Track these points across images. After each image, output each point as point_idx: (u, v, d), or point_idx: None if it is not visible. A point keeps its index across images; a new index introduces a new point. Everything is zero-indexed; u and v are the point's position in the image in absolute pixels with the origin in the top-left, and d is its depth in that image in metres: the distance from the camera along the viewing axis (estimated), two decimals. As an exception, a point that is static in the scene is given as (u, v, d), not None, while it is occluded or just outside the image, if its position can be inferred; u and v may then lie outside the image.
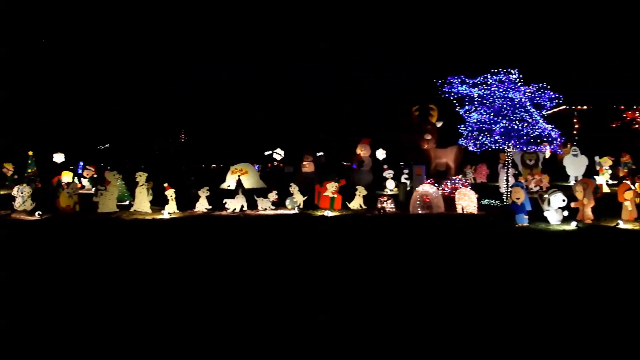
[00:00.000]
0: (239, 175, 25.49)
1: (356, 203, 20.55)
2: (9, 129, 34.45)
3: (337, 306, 8.95)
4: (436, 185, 19.99)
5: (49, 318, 8.50)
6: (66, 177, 25.24)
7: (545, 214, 16.84)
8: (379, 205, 19.50)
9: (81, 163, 29.80)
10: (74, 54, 47.59)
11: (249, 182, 26.23)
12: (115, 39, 48.41)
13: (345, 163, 34.37)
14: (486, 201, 20.80)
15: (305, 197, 20.70)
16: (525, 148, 20.85)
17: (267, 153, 34.74)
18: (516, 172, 26.08)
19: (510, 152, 20.86)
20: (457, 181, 20.23)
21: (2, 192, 23.97)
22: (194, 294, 9.74)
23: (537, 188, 24.38)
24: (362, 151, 28.40)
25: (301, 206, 20.36)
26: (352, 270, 11.46)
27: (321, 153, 34.00)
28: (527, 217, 16.58)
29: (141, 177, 20.09)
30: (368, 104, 50.16)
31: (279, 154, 32.80)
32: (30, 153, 29.36)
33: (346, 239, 15.19)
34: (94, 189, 21.80)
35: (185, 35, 49.90)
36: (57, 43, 47.09)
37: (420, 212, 19.03)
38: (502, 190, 21.74)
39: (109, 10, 47.44)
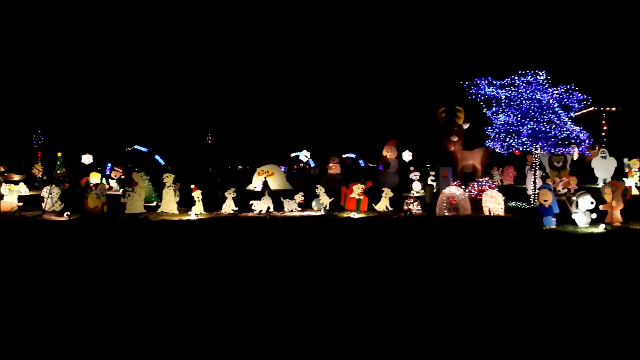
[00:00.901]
0: (265, 177, 25.56)
1: (382, 205, 20.53)
2: (38, 130, 34.74)
3: (358, 308, 8.94)
4: (463, 187, 19.90)
5: (72, 317, 8.58)
6: (94, 178, 25.45)
7: (573, 216, 16.70)
8: (405, 207, 19.43)
9: (109, 164, 30.05)
10: (102, 56, 47.97)
11: (275, 183, 26.28)
12: (140, 40, 48.73)
13: (371, 165, 34.35)
14: (513, 203, 20.65)
15: (332, 199, 20.70)
16: (553, 150, 20.66)
17: (293, 155, 34.81)
18: (544, 174, 25.88)
19: (537, 154, 20.70)
20: (483, 183, 20.11)
21: (31, 193, 24.19)
22: (217, 294, 9.78)
23: (565, 190, 24.16)
24: (389, 153, 28.39)
25: (327, 208, 20.36)
26: (375, 272, 11.44)
27: (347, 154, 34.01)
28: (554, 219, 16.45)
29: (168, 178, 20.21)
30: (395, 105, 50.07)
31: (305, 155, 32.83)
32: (59, 154, 29.67)
33: (372, 241, 15.16)
34: (121, 190, 21.95)
35: (212, 36, 50.11)
36: (85, 44, 47.50)
37: (446, 214, 18.95)
38: (530, 192, 21.58)
39: (137, 11, 47.76)
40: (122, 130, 43.36)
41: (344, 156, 33.49)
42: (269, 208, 19.99)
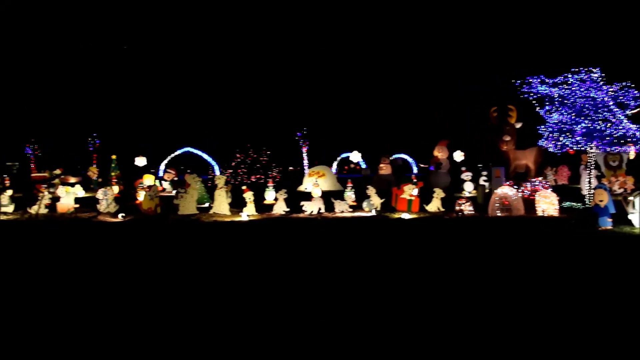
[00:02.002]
0: (316, 178, 25.59)
1: (434, 205, 20.40)
2: (94, 133, 35.30)
3: (411, 308, 8.91)
4: (515, 187, 19.66)
5: (125, 314, 8.71)
6: (148, 180, 25.80)
7: (630, 217, 16.38)
8: (457, 208, 19.28)
9: (162, 166, 30.41)
10: (155, 60, 48.58)
11: (326, 184, 26.30)
12: (194, 44, 49.21)
13: (422, 165, 34.15)
14: (568, 204, 20.34)
15: (383, 200, 20.64)
16: (608, 149, 20.27)
17: (344, 155, 34.75)
18: (599, 174, 25.42)
19: (592, 153, 20.36)
20: (537, 183, 19.83)
21: (87, 195, 24.61)
22: (267, 294, 9.82)
23: (621, 190, 23.73)
24: (440, 153, 28.20)
25: (378, 209, 20.31)
26: (427, 273, 11.38)
27: (398, 155, 33.86)
28: (610, 220, 16.17)
29: (220, 180, 20.38)
30: (446, 105, 49.78)
31: (356, 156, 32.74)
32: (114, 157, 30.11)
33: (424, 242, 15.08)
34: (174, 191, 22.21)
35: (264, 39, 50.37)
36: (138, 49, 48.17)
37: (499, 214, 18.75)
38: (585, 192, 21.23)
39: (189, 13, 48.26)
40: (174, 132, 43.83)
41: (394, 157, 33.34)
42: (320, 209, 20.02)
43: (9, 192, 21.70)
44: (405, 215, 19.08)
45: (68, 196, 21.20)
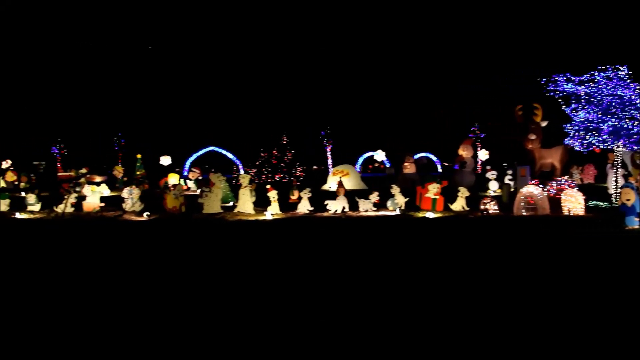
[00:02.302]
0: (340, 177, 25.58)
1: (458, 204, 20.29)
2: (119, 133, 35.62)
3: (437, 308, 8.86)
4: (541, 186, 19.51)
5: (149, 312, 8.75)
6: (173, 179, 25.91)
7: (657, 216, 16.22)
8: (482, 207, 19.17)
9: (187, 165, 30.56)
10: (179, 60, 48.82)
11: (350, 183, 26.27)
12: (221, 43, 49.40)
13: (447, 164, 34.04)
14: (594, 203, 20.15)
15: (407, 199, 20.57)
16: (635, 147, 20.06)
17: (368, 155, 34.73)
18: (626, 173, 25.14)
19: (619, 151, 20.15)
20: (563, 182, 19.67)
21: (112, 194, 24.77)
22: (290, 292, 9.82)
23: (649, 189, 23.50)
24: (465, 152, 28.05)
25: (402, 208, 20.25)
26: (450, 272, 11.32)
27: (423, 154, 33.78)
28: (637, 219, 16.00)
29: (244, 179, 20.43)
30: (470, 104, 49.62)
31: (380, 155, 32.69)
32: (139, 156, 30.31)
33: (448, 241, 15.01)
34: (199, 190, 22.29)
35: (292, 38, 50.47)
36: (164, 48, 48.42)
37: (524, 214, 18.61)
38: (611, 191, 21.02)
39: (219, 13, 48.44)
40: (199, 131, 44.04)
41: (418, 156, 33.27)
42: (344, 208, 20.00)
43: (36, 191, 21.90)
44: (430, 215, 19.00)
45: (94, 195, 21.36)
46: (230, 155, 31.74)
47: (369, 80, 51.03)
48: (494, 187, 26.04)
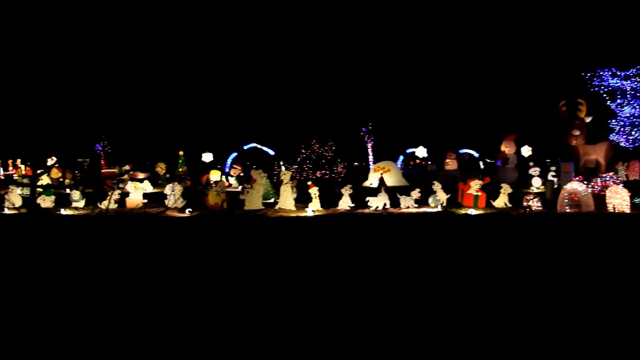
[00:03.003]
0: (381, 173, 25.53)
1: (501, 201, 20.11)
2: (163, 130, 36.02)
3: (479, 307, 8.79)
4: (585, 183, 19.24)
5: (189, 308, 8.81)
6: (214, 175, 26.09)
7: None
8: (525, 204, 18.98)
9: (228, 162, 30.76)
10: (226, 57, 49.13)
11: (391, 180, 26.20)
12: (266, 41, 49.62)
13: (489, 160, 33.76)
14: (639, 200, 19.82)
15: (449, 195, 20.46)
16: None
17: (409, 151, 34.60)
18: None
19: (666, 147, 19.81)
20: (607, 179, 19.38)
21: (155, 191, 25.02)
22: (330, 289, 9.82)
23: (696, 185, 23.05)
24: (507, 148, 27.77)
25: (444, 204, 20.14)
26: (490, 270, 11.22)
27: (465, 150, 33.56)
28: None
29: (285, 175, 20.50)
30: (514, 99, 49.24)
31: (422, 152, 32.57)
32: (181, 153, 30.59)
33: (489, 239, 14.88)
34: (240, 187, 22.43)
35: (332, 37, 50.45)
36: (207, 46, 48.73)
37: (568, 211, 18.38)
38: (658, 187, 20.70)
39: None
40: (241, 128, 44.29)
41: (461, 152, 33.06)
42: (385, 204, 19.96)
43: (80, 187, 22.24)
44: (472, 211, 18.87)
45: (136, 192, 21.63)
46: (271, 152, 31.87)
47: (410, 75, 50.85)
48: (537, 183, 25.74)
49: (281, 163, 31.27)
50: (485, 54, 49.86)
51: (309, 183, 20.54)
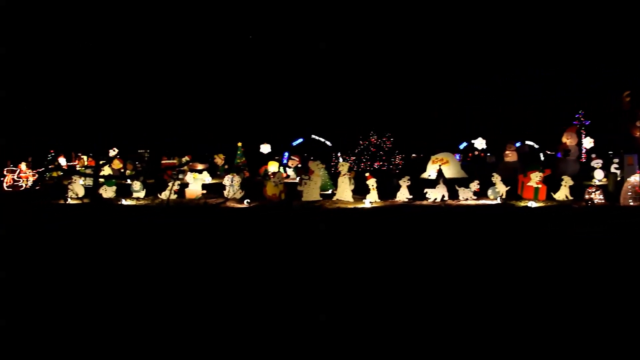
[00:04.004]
0: (439, 165, 25.34)
1: (562, 194, 19.79)
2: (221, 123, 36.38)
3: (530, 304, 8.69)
4: (650, 175, 18.83)
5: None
6: (272, 167, 26.25)
7: None
8: (587, 197, 18.64)
9: (286, 153, 30.90)
10: (280, 48, 49.27)
11: (450, 172, 26.00)
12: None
13: (550, 152, 33.27)
14: None
15: (508, 187, 20.22)
16: None
17: (469, 142, 34.32)
18: None
19: None
20: (673, 171, 18.92)
21: (214, 181, 25.28)
22: (386, 281, 9.80)
23: None
24: (569, 140, 27.31)
25: (504, 197, 19.91)
26: (549, 265, 11.06)
27: (527, 142, 33.14)
28: None
29: (343, 167, 20.52)
30: (576, 89, 48.47)
31: (481, 143, 32.26)
32: (240, 144, 30.83)
33: (550, 232, 14.65)
34: (298, 178, 22.53)
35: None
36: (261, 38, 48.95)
37: (631, 204, 17.98)
38: None
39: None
40: (298, 121, 44.44)
41: (520, 144, 32.66)
42: (443, 196, 19.83)
43: (141, 178, 22.62)
44: (532, 204, 18.62)
45: (196, 182, 21.92)
46: (329, 143, 31.91)
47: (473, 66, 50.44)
48: (599, 176, 25.24)
49: (339, 154, 31.29)
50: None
51: (367, 174, 20.52)
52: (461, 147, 35.49)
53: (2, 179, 24.70)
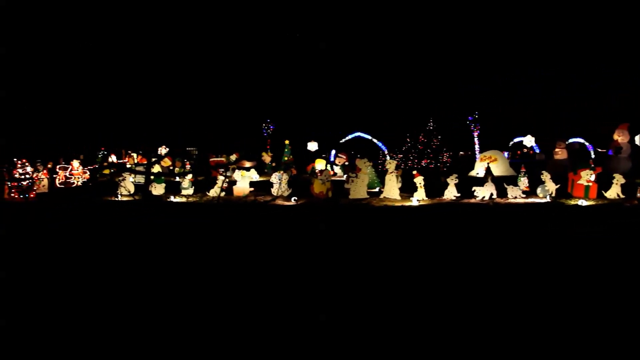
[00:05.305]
0: (488, 163, 25.13)
1: (613, 192, 19.48)
2: (268, 119, 36.50)
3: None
4: None
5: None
6: (319, 164, 26.29)
7: None
8: (639, 195, 18.33)
9: (333, 151, 30.91)
10: (331, 47, 49.35)
11: (498, 169, 25.77)
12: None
13: (601, 150, 32.74)
14: None
15: (558, 186, 19.98)
16: None
17: (516, 140, 33.94)
18: None
19: None
20: None
21: (261, 179, 25.44)
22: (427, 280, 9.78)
23: None
24: (620, 137, 26.83)
25: (553, 195, 19.68)
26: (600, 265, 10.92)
27: (577, 139, 32.67)
28: None
29: (390, 164, 20.48)
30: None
31: (530, 141, 31.89)
32: (287, 142, 30.95)
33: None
34: (345, 176, 22.53)
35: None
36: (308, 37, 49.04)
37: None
38: None
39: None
40: (344, 118, 44.44)
41: (571, 141, 32.19)
42: (492, 195, 19.67)
43: (189, 175, 22.86)
44: (582, 202, 18.37)
45: (243, 180, 22.09)
46: (376, 141, 31.82)
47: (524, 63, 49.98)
48: (651, 174, 24.82)
49: (386, 152, 31.20)
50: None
51: (414, 172, 20.45)
52: (511, 144, 35.18)
53: (54, 176, 25.21)
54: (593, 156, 32.55)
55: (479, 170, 26.90)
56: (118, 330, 7.78)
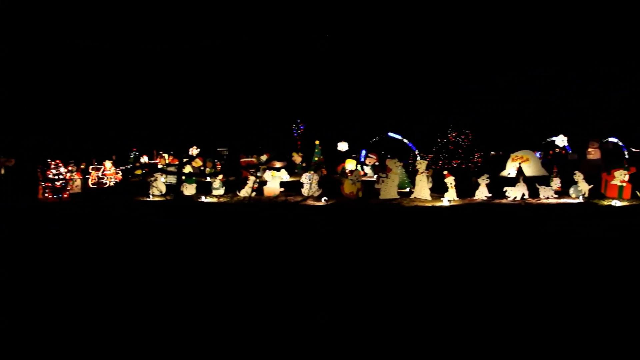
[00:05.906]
0: (519, 163, 24.95)
1: (648, 192, 19.28)
2: (298, 120, 36.62)
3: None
4: None
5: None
6: (350, 164, 26.27)
7: None
8: (674, 195, 18.13)
9: (364, 151, 30.87)
10: (359, 46, 49.34)
11: (530, 170, 25.56)
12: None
13: (635, 149, 32.36)
14: None
15: (591, 186, 19.77)
16: None
17: (549, 139, 33.66)
18: None
19: None
20: None
21: (291, 179, 25.49)
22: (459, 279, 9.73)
23: None
24: (655, 136, 26.55)
25: (586, 195, 19.48)
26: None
27: (612, 139, 32.33)
28: None
29: (421, 165, 20.43)
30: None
31: (562, 140, 31.60)
32: (317, 142, 30.97)
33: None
34: (376, 176, 22.49)
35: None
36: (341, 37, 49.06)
37: None
38: None
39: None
40: (374, 119, 44.39)
41: (605, 140, 31.85)
42: (523, 195, 19.52)
43: (220, 176, 23.00)
44: (616, 203, 18.16)
45: (274, 180, 22.17)
46: (406, 141, 31.72)
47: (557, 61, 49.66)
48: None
49: (416, 152, 31.12)
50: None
51: (445, 172, 20.37)
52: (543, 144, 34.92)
53: (87, 176, 25.53)
54: (627, 156, 32.16)
55: (510, 170, 26.72)
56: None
